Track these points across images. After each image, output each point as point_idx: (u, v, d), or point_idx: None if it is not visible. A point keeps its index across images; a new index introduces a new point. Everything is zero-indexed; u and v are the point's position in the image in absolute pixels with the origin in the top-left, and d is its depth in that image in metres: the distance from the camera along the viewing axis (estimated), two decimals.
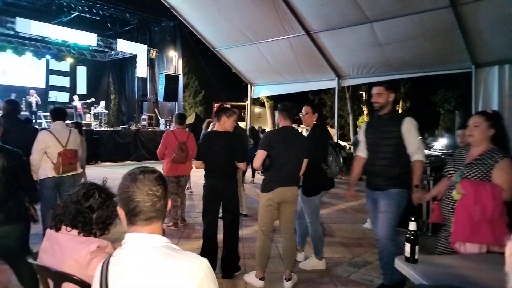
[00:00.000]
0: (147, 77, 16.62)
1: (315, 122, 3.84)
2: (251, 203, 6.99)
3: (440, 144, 6.48)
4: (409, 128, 3.27)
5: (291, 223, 3.45)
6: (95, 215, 1.93)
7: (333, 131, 15.48)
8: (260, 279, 3.34)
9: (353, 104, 21.73)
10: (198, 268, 1.27)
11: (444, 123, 17.26)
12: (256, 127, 13.50)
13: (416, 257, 1.98)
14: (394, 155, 3.17)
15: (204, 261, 1.32)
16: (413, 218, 2.07)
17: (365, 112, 24.10)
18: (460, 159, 2.68)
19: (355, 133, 22.92)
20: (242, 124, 13.34)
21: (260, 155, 3.23)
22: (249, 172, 12.04)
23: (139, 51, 15.72)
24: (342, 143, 18.31)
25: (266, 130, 11.55)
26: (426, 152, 5.52)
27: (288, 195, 3.28)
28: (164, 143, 5.45)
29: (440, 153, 5.87)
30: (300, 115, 3.94)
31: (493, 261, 1.83)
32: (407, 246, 1.99)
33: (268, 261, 3.41)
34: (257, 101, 24.56)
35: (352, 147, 20.26)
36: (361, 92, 23.34)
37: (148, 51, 15.88)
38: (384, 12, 9.61)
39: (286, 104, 3.42)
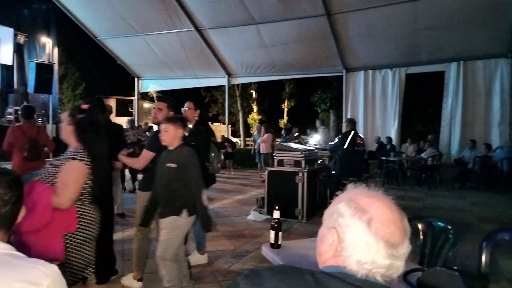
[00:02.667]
0: (13, 65, 14.37)
1: (197, 119, 3.82)
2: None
3: (314, 140, 7.23)
4: None
5: None
6: None
7: (225, 128, 15.79)
8: (138, 280, 3.21)
9: (242, 101, 22.46)
10: (44, 275, 1.17)
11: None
12: (143, 124, 12.92)
13: (279, 242, 2.15)
14: None
15: (53, 268, 1.22)
16: (277, 207, 2.25)
17: (255, 109, 25.14)
18: None
19: (246, 130, 23.73)
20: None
21: (147, 157, 3.07)
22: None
23: (3, 34, 13.49)
24: (234, 139, 18.79)
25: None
26: (301, 147, 6.03)
27: None
28: (9, 141, 4.67)
29: (314, 148, 6.44)
30: (182, 111, 3.89)
31: None
32: (272, 233, 2.15)
33: (146, 262, 3.30)
34: (146, 96, 23.54)
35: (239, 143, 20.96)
36: (251, 91, 24.27)
37: (15, 35, 13.72)
38: (268, 15, 10.16)
39: (172, 100, 3.34)
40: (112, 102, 23.28)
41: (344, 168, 5.69)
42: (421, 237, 2.26)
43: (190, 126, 3.81)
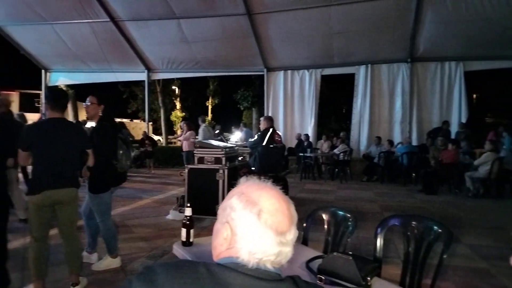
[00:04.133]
0: None
1: (101, 115, 3.58)
2: None
3: (236, 137, 7.39)
4: None
5: (71, 226, 3.12)
6: None
7: (145, 125, 15.15)
8: None
9: (164, 98, 21.78)
10: None
11: (246, 119, 19.38)
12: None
13: (191, 240, 2.13)
14: None
15: None
16: (188, 204, 2.23)
17: (178, 106, 24.57)
18: None
19: (168, 127, 23.06)
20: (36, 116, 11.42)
21: (20, 156, 2.86)
22: None
23: None
24: (156, 137, 18.15)
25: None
26: (222, 144, 6.06)
27: (61, 196, 2.96)
28: None
29: (235, 145, 6.52)
30: (84, 106, 3.63)
31: None
32: (183, 231, 2.12)
33: (47, 269, 3.02)
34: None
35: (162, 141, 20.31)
36: (174, 87, 23.63)
37: None
38: (190, 10, 9.99)
39: (55, 91, 3.10)
40: (15, 96, 20.87)
41: (263, 164, 5.85)
42: (325, 226, 2.42)
43: (93, 123, 3.58)
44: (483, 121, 21.42)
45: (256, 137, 6.09)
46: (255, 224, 0.90)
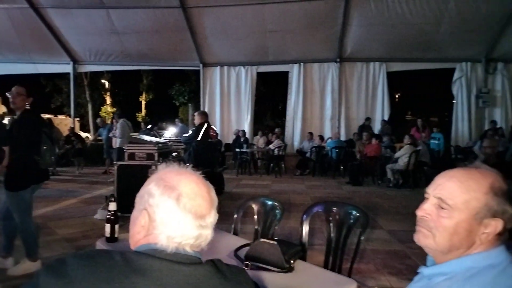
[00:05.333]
0: None
1: (28, 108, 3.31)
2: None
3: (170, 132, 7.20)
4: None
5: None
6: None
7: (70, 121, 14.11)
8: None
9: (93, 92, 20.47)
10: None
11: (183, 115, 19.03)
12: None
13: (116, 235, 2.06)
14: None
15: None
16: (113, 199, 2.14)
17: (108, 101, 23.25)
18: None
19: (95, 123, 21.76)
20: None
21: None
22: None
23: None
24: (83, 134, 17.02)
25: None
26: (154, 139, 5.89)
27: None
28: None
29: (168, 141, 6.37)
30: (8, 95, 3.31)
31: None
32: (107, 227, 2.04)
33: None
34: None
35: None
36: (103, 81, 22.30)
37: None
38: (119, 0, 9.52)
39: None
40: None
41: (198, 159, 5.80)
42: (255, 216, 2.49)
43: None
44: (403, 118, 23.40)
45: (190, 132, 6.02)
46: (174, 209, 0.90)
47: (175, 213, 0.90)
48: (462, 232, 0.94)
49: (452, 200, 0.95)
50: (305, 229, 2.30)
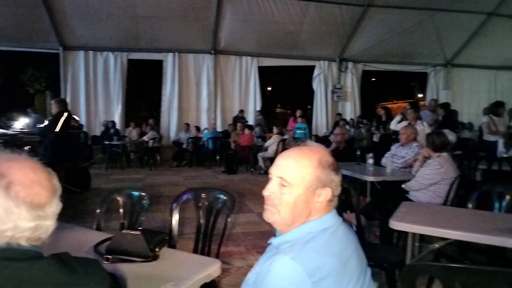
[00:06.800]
0: None
1: None
2: None
3: (21, 123, 6.20)
4: None
5: None
6: None
7: None
8: None
9: None
10: None
11: (40, 104, 16.66)
12: None
13: None
14: None
15: None
16: None
17: None
18: None
19: None
20: None
21: None
22: None
23: None
24: None
25: None
26: (1, 131, 5.04)
27: None
28: None
29: (19, 132, 5.53)
30: None
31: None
32: None
33: None
34: None
35: None
36: None
37: None
38: None
39: None
40: None
41: (57, 153, 5.17)
42: (121, 209, 2.36)
43: None
44: (274, 110, 25.19)
45: (46, 122, 5.32)
46: (3, 199, 0.80)
47: (5, 203, 0.81)
48: (300, 204, 1.07)
49: (291, 178, 1.07)
50: (175, 217, 2.28)
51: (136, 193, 2.36)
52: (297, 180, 1.07)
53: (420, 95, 18.47)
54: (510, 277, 1.30)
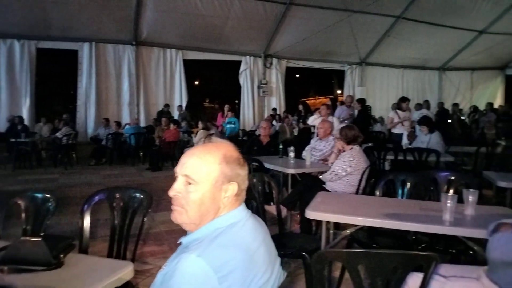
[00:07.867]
0: None
1: None
2: None
3: None
4: None
5: None
6: None
7: None
8: None
9: None
10: None
11: None
12: None
13: None
14: None
15: None
16: None
17: None
18: None
19: None
20: None
21: None
22: None
23: None
24: None
25: None
26: None
27: None
28: None
29: None
30: None
31: None
32: None
33: None
34: None
35: None
36: None
37: None
38: None
39: None
40: None
41: None
42: (23, 214, 2.13)
43: None
44: (202, 104, 24.87)
45: None
46: None
47: None
48: (207, 201, 1.07)
49: (196, 175, 1.06)
50: (87, 220, 2.13)
51: (39, 195, 2.15)
52: (203, 177, 1.06)
53: (339, 91, 19.66)
54: (405, 258, 1.46)
